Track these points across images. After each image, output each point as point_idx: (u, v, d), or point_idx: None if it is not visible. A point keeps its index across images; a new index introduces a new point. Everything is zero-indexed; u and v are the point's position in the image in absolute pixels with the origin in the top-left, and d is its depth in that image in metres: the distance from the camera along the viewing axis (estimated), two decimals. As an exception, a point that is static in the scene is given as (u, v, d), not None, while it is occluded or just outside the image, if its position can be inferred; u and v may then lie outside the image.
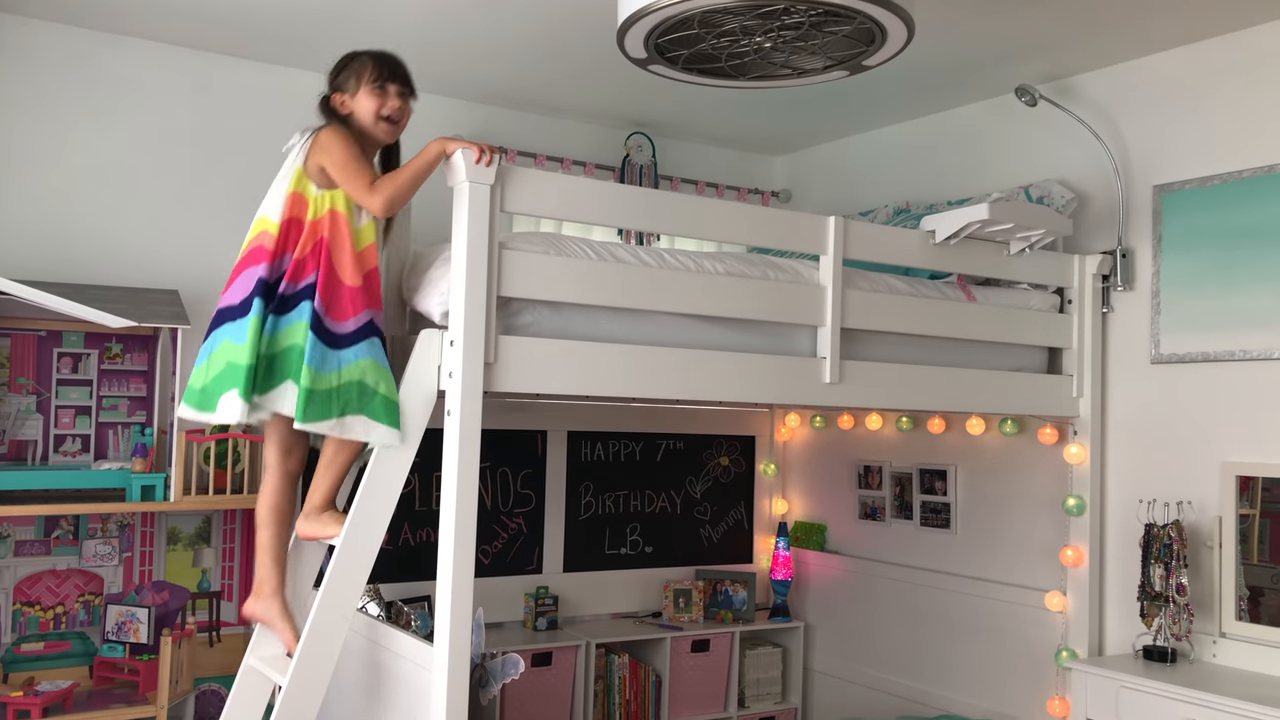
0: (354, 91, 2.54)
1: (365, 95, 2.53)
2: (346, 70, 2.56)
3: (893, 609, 4.32)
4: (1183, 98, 3.49)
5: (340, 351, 2.41)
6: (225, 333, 2.45)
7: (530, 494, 4.37)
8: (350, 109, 2.55)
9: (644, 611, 4.57)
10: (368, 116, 2.54)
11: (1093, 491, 3.59)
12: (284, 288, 2.42)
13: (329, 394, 2.38)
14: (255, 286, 2.41)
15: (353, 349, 2.42)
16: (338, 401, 2.38)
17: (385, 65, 2.55)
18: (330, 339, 2.40)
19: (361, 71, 2.53)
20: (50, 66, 3.55)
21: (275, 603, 2.61)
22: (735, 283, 2.90)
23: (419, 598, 3.93)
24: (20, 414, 3.43)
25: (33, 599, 3.42)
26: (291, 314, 2.42)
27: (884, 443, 4.45)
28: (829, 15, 2.46)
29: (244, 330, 2.39)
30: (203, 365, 2.48)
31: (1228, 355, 3.30)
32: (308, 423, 2.36)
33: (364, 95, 2.53)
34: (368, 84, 2.53)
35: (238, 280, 2.48)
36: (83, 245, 3.57)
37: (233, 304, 2.46)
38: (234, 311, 2.45)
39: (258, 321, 2.38)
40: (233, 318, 2.45)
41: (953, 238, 3.29)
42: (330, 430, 2.40)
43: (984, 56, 3.67)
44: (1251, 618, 3.21)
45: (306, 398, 2.35)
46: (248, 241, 2.52)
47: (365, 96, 2.53)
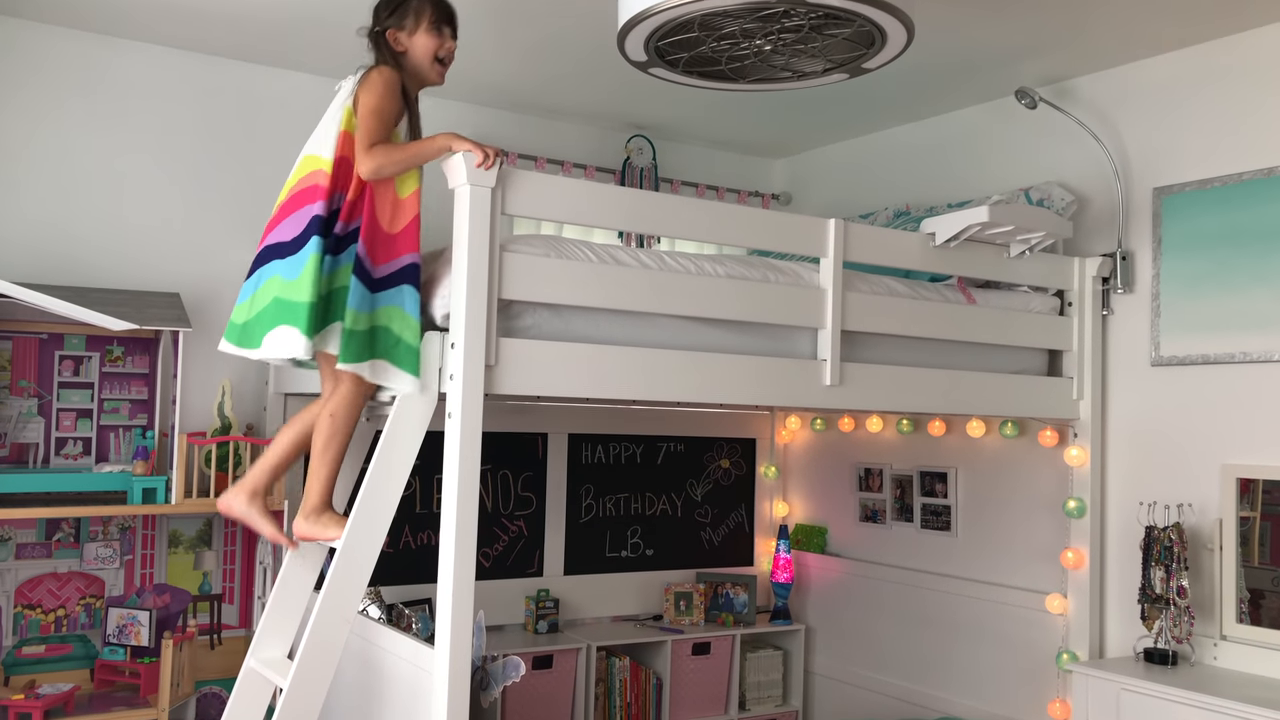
0: (412, 30, 2.57)
1: (424, 35, 2.57)
2: (404, 9, 2.56)
3: (894, 612, 4.32)
4: (1182, 100, 3.50)
5: (375, 295, 2.43)
6: (274, 269, 2.46)
7: (531, 496, 4.37)
8: (406, 47, 2.58)
9: (645, 614, 4.57)
10: (425, 57, 2.59)
11: (1093, 494, 3.59)
12: (339, 228, 2.44)
13: (365, 335, 2.40)
14: (311, 223, 2.41)
15: (384, 293, 2.44)
16: (369, 345, 2.41)
17: (443, 9, 2.61)
18: (369, 281, 2.42)
19: (421, 11, 2.56)
20: (53, 70, 3.56)
21: (257, 502, 2.62)
22: (735, 285, 2.90)
23: (420, 600, 3.93)
24: (21, 417, 3.43)
25: (34, 602, 3.42)
26: (343, 255, 2.44)
27: (884, 445, 4.45)
28: (829, 18, 2.47)
29: (299, 267, 2.39)
30: (246, 302, 2.50)
31: (1228, 357, 3.30)
32: (347, 364, 2.38)
33: (423, 35, 2.57)
34: (427, 24, 2.57)
35: (290, 218, 2.47)
36: (84, 248, 3.57)
37: (284, 240, 2.46)
38: (285, 248, 2.45)
39: (317, 259, 2.38)
40: (282, 255, 2.45)
41: (953, 240, 3.29)
42: (364, 373, 2.42)
43: (984, 59, 3.67)
44: (1252, 620, 3.21)
45: (347, 339, 2.37)
46: (296, 179, 2.52)
47: (424, 36, 2.57)
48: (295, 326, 2.37)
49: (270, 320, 2.43)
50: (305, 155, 2.55)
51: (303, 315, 2.36)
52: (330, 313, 2.42)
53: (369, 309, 2.42)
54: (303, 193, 2.49)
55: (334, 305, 2.42)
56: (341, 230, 2.45)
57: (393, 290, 2.46)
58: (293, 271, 2.42)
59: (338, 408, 2.57)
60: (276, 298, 2.43)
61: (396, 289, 2.46)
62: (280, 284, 2.44)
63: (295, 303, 2.38)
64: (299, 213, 2.47)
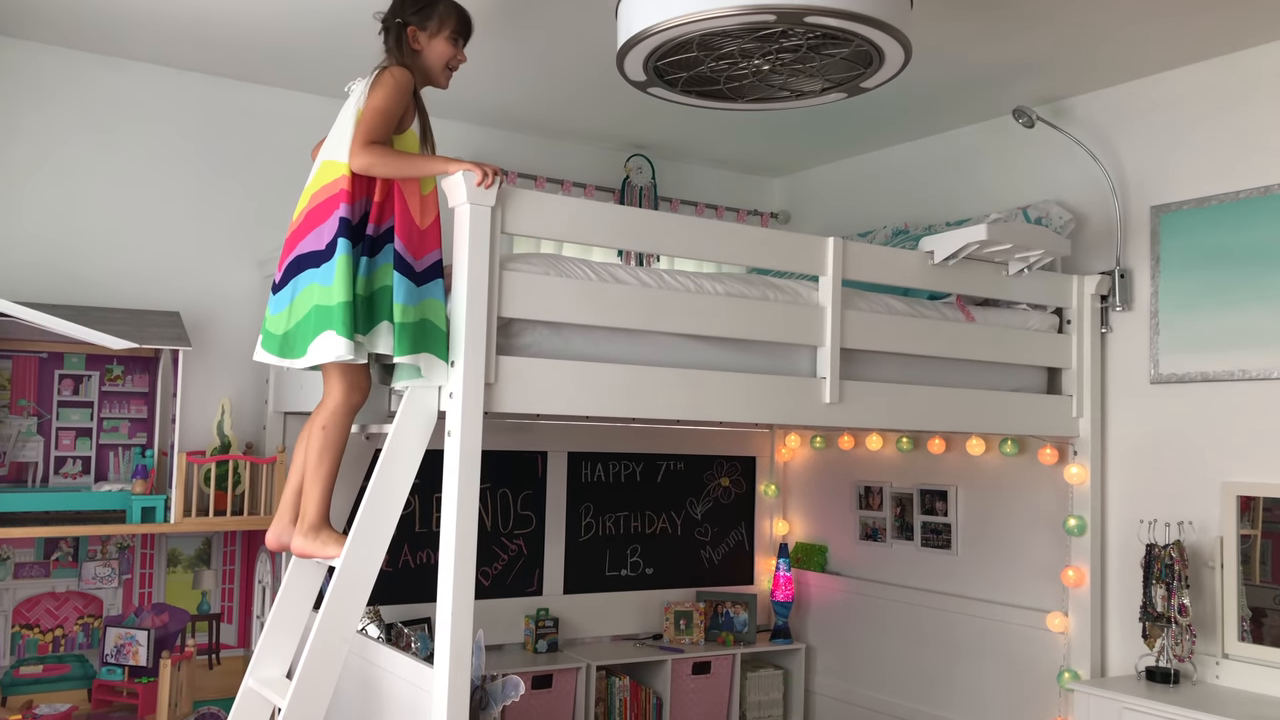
0: (433, 34, 2.62)
1: (443, 42, 2.63)
2: (430, 10, 2.61)
3: (894, 630, 4.30)
4: (1179, 119, 3.51)
5: (420, 289, 2.46)
6: (309, 277, 2.47)
7: (530, 515, 4.36)
8: (422, 47, 2.63)
9: (645, 633, 4.55)
10: (438, 62, 2.65)
11: (1093, 512, 3.59)
12: (371, 229, 2.46)
13: (415, 328, 2.42)
14: (340, 227, 2.42)
15: (425, 287, 2.47)
16: (420, 338, 2.43)
17: (466, 22, 2.67)
18: (413, 276, 2.45)
19: (446, 19, 2.62)
20: (54, 90, 3.57)
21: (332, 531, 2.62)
22: (735, 303, 2.91)
23: (419, 620, 3.91)
24: (21, 436, 3.43)
25: (32, 621, 3.41)
26: (380, 256, 2.45)
27: (884, 463, 4.45)
28: (827, 38, 2.48)
29: (331, 272, 2.41)
30: (284, 312, 2.52)
31: (1227, 375, 3.31)
32: (404, 355, 2.40)
33: (442, 41, 2.63)
34: (449, 33, 2.63)
35: (319, 228, 2.49)
36: (84, 267, 3.58)
37: (317, 249, 2.47)
38: (319, 257, 2.46)
39: (348, 260, 2.40)
40: (316, 263, 2.47)
41: (951, 258, 3.30)
42: (420, 364, 2.44)
43: (981, 78, 3.69)
44: (1254, 639, 3.20)
45: (400, 332, 2.39)
46: (318, 186, 2.53)
47: (443, 43, 2.63)
48: (333, 329, 2.38)
49: (313, 328, 2.44)
50: (324, 161, 2.55)
51: (340, 318, 2.37)
52: (375, 313, 2.44)
53: (415, 302, 2.45)
54: (327, 201, 2.50)
55: (378, 305, 2.44)
56: (374, 232, 2.47)
57: (430, 284, 2.49)
58: (327, 277, 2.43)
59: (328, 420, 2.58)
60: (316, 305, 2.44)
61: (433, 282, 2.49)
62: (319, 291, 2.45)
63: (331, 307, 2.40)
64: (327, 221, 2.48)
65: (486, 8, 3.16)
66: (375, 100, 2.49)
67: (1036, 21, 3.19)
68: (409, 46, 2.62)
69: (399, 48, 2.61)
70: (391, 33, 2.63)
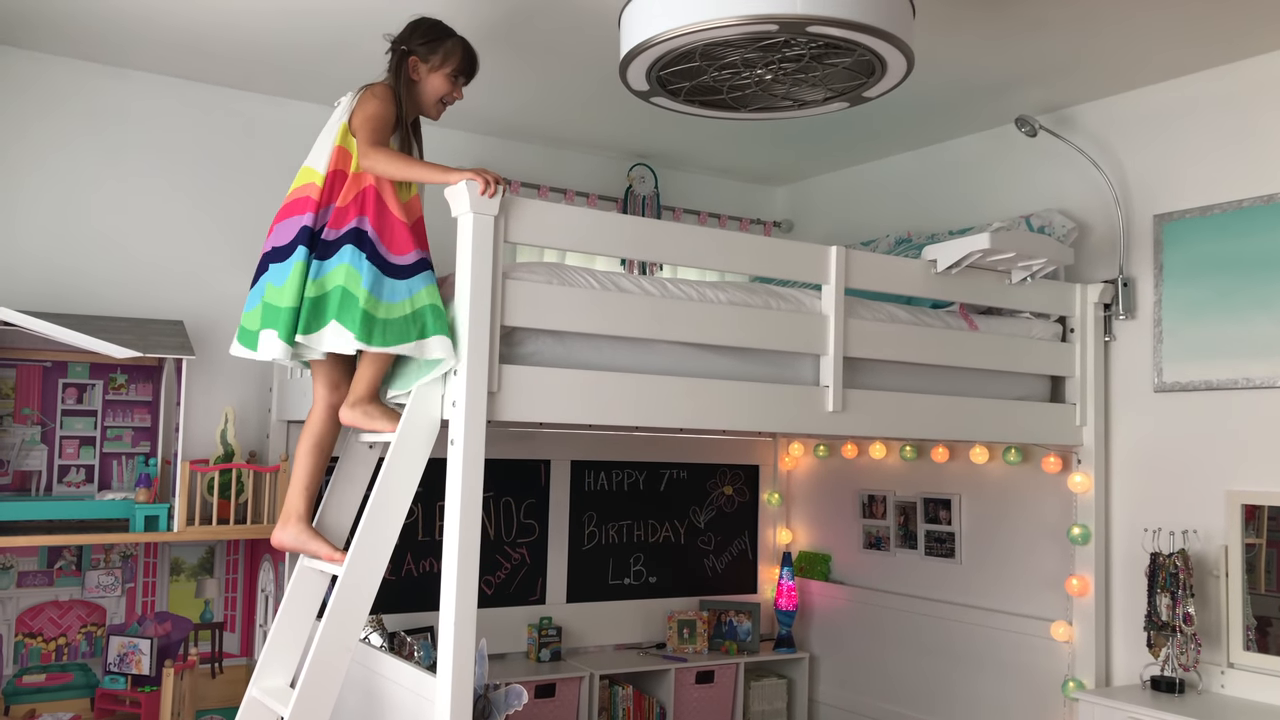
0: (434, 68, 2.68)
1: (441, 78, 2.70)
2: (437, 45, 2.67)
3: (898, 639, 4.29)
4: (1182, 128, 3.52)
5: (406, 281, 2.49)
6: (269, 276, 2.56)
7: (533, 524, 4.36)
8: (420, 78, 2.69)
9: (648, 642, 4.54)
10: (432, 95, 2.72)
11: (1097, 520, 3.58)
12: (326, 234, 2.53)
13: (405, 320, 2.45)
14: (299, 234, 2.52)
15: (417, 278, 2.51)
16: (415, 325, 2.46)
17: (470, 63, 2.73)
18: (389, 269, 2.49)
19: (450, 57, 2.69)
20: (57, 99, 3.59)
21: (302, 527, 2.68)
22: (738, 312, 2.91)
23: (422, 628, 3.91)
24: (25, 444, 3.43)
25: (35, 630, 3.41)
26: (333, 259, 2.50)
27: (888, 472, 4.44)
28: (829, 48, 2.49)
29: (285, 273, 2.50)
30: (254, 308, 2.60)
31: (1231, 383, 3.30)
32: (381, 346, 2.44)
33: (440, 77, 2.69)
34: (450, 71, 2.70)
35: (280, 226, 2.59)
36: (88, 276, 3.59)
37: (278, 246, 2.57)
38: (278, 254, 2.55)
39: (302, 266, 2.48)
40: (277, 259, 2.55)
41: (954, 267, 3.30)
42: (412, 351, 2.46)
43: (983, 87, 3.69)
44: (1259, 648, 3.19)
45: (366, 321, 2.41)
46: (292, 191, 2.63)
47: (440, 79, 2.69)
48: (275, 329, 2.49)
49: (262, 323, 2.55)
50: (303, 168, 2.66)
51: (282, 320, 2.48)
52: (323, 314, 2.48)
53: (406, 295, 2.48)
54: (294, 204, 2.60)
55: (326, 306, 2.48)
56: (330, 235, 2.53)
57: (422, 275, 2.53)
58: (280, 278, 2.53)
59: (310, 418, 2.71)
60: (266, 303, 2.55)
61: (424, 274, 2.53)
62: (271, 290, 2.55)
63: (278, 308, 2.50)
64: (288, 222, 2.58)
65: (490, 19, 3.17)
66: (367, 109, 2.58)
67: (1039, 30, 3.19)
68: (407, 75, 2.68)
69: (396, 73, 2.68)
70: (394, 56, 2.69)
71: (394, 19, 3.20)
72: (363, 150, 2.53)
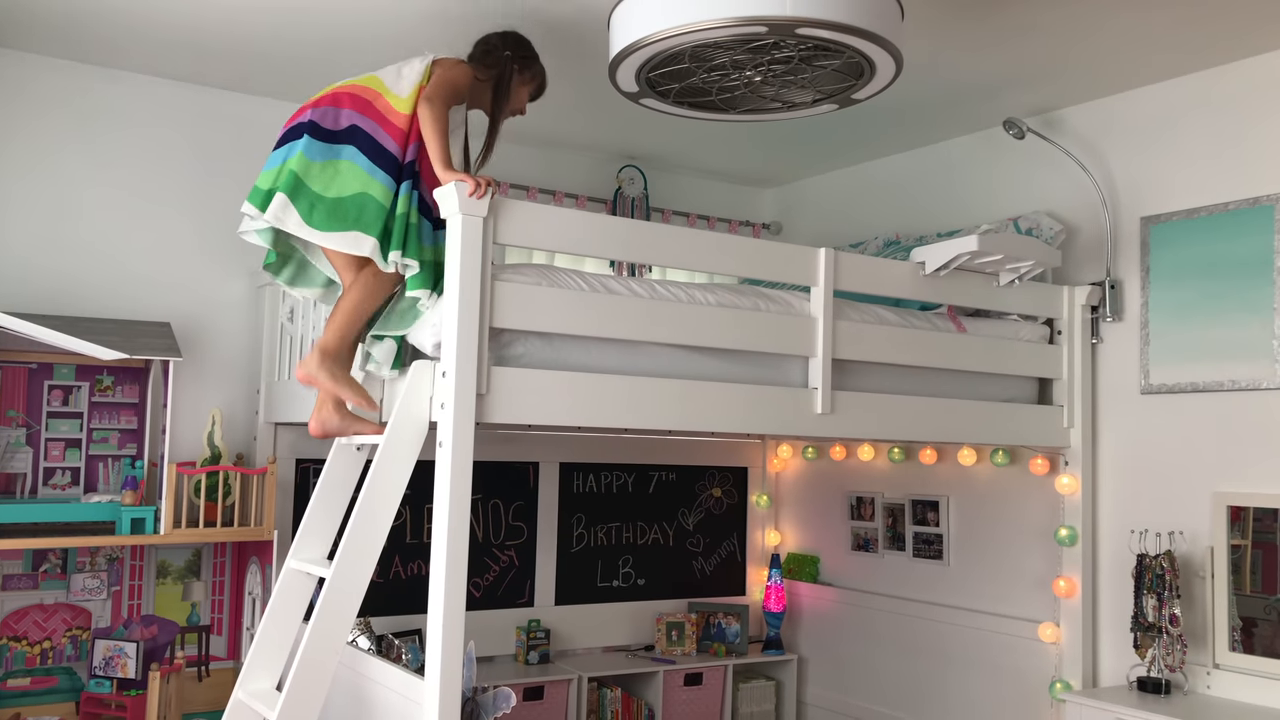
0: (524, 82, 2.93)
1: (524, 93, 2.96)
2: (531, 63, 2.92)
3: (886, 641, 4.30)
4: (1168, 131, 3.53)
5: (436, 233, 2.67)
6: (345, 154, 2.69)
7: (522, 526, 4.35)
8: (511, 86, 2.90)
9: (636, 644, 4.54)
10: (513, 104, 2.94)
11: (1084, 522, 3.59)
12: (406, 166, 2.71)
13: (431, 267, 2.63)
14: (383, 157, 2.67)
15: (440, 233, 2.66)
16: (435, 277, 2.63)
17: (544, 88, 3.03)
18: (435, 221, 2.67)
19: (536, 78, 2.96)
20: (47, 100, 3.57)
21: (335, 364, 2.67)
22: (726, 314, 2.91)
23: (410, 631, 3.90)
24: (10, 447, 3.41)
25: (20, 634, 3.38)
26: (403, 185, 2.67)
27: (876, 474, 4.45)
28: (818, 50, 2.49)
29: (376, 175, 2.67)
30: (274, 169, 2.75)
31: (1217, 385, 3.32)
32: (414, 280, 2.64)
33: (524, 92, 2.95)
34: (532, 89, 2.97)
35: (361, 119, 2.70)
36: (75, 277, 3.57)
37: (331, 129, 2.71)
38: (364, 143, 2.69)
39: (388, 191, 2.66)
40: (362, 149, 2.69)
41: (943, 269, 3.31)
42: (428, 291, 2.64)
43: (972, 90, 3.71)
44: (1245, 649, 3.20)
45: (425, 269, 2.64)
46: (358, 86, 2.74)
47: (523, 94, 2.96)
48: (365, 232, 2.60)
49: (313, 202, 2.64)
50: (372, 76, 2.75)
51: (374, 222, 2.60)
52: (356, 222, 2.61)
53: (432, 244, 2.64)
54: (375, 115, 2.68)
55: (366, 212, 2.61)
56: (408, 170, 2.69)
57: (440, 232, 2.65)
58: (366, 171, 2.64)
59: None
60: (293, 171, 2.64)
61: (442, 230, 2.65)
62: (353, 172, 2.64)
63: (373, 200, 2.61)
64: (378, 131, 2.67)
65: (479, 20, 3.17)
66: (451, 74, 2.75)
67: (1027, 34, 3.20)
68: (504, 80, 2.87)
69: (488, 67, 2.85)
70: (492, 55, 2.86)
71: (386, 21, 3.20)
72: (427, 94, 2.67)
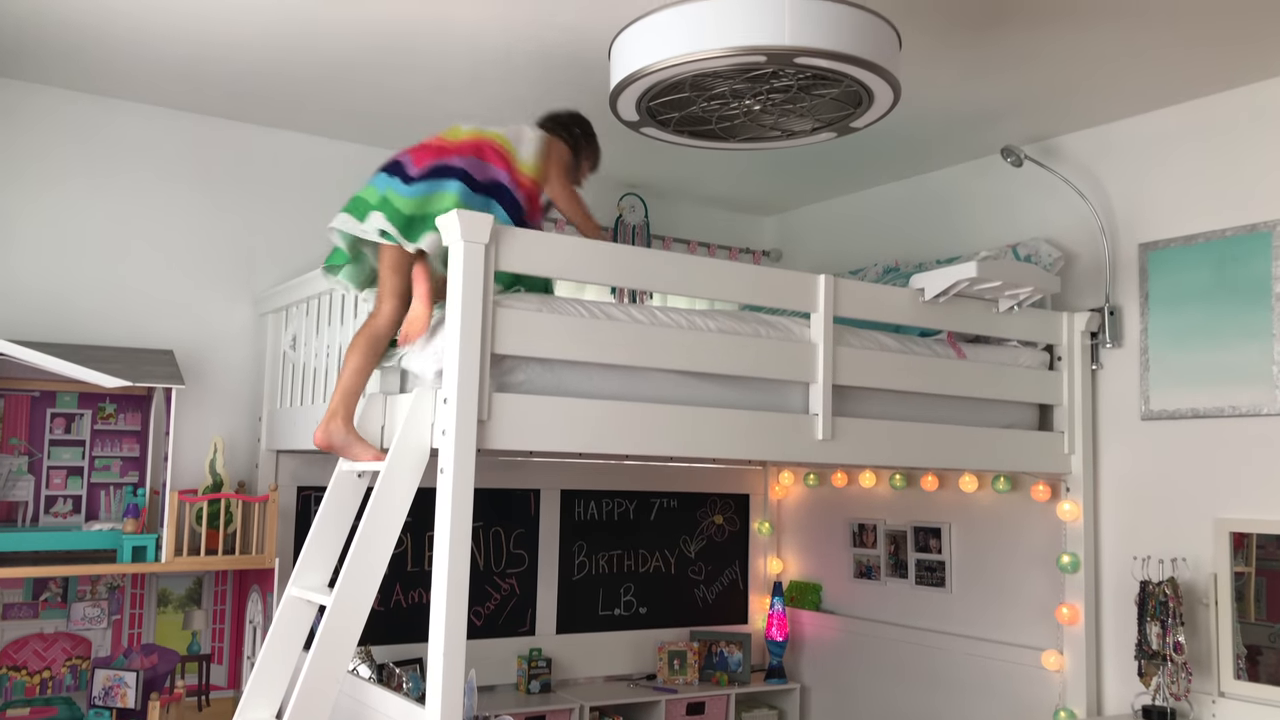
0: (587, 157, 3.18)
1: (587, 167, 3.20)
2: (595, 143, 3.19)
3: (890, 670, 4.27)
4: (1165, 158, 3.55)
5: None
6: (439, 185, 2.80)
7: (523, 554, 4.34)
8: (580, 161, 3.16)
9: (638, 674, 4.52)
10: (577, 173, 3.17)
11: (1087, 548, 3.58)
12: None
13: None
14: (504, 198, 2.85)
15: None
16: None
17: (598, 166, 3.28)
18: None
19: (598, 156, 3.22)
20: (50, 130, 3.60)
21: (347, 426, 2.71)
22: (727, 340, 2.92)
23: (411, 660, 3.88)
24: (12, 475, 3.41)
25: (19, 663, 3.37)
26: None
27: (878, 500, 4.44)
28: (816, 79, 2.51)
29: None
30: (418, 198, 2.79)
31: (1217, 411, 3.32)
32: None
33: (587, 166, 3.20)
34: (591, 165, 3.21)
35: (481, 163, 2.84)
36: (78, 305, 3.58)
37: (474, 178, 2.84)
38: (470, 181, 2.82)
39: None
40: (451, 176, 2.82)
41: (942, 295, 3.32)
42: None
43: (969, 118, 3.73)
44: (1250, 676, 3.18)
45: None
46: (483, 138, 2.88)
47: (587, 167, 3.20)
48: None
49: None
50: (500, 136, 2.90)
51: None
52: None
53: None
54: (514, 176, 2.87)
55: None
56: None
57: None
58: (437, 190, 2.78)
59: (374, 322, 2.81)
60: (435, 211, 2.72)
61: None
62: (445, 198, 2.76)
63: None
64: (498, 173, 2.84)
65: (481, 49, 3.20)
66: (562, 161, 3.04)
67: (1024, 62, 3.23)
68: (581, 155, 3.14)
69: (572, 141, 3.10)
70: (567, 131, 3.11)
71: (384, 50, 3.23)
72: (558, 178, 3.01)
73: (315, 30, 3.10)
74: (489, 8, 2.94)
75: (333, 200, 4.01)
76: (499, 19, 3.01)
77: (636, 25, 2.50)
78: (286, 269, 3.91)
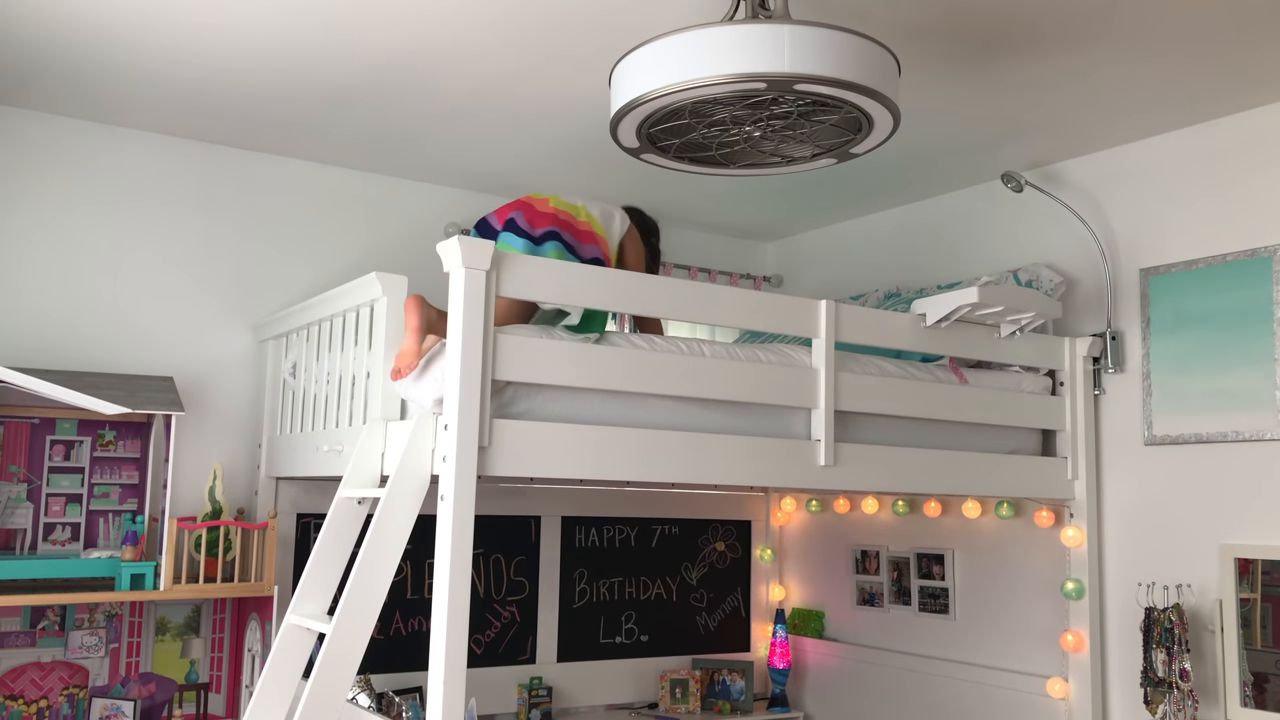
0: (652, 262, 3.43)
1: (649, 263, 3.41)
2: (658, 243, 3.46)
3: (893, 698, 4.24)
4: (1166, 183, 3.56)
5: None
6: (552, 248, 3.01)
7: (523, 581, 4.32)
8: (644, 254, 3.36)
9: (640, 702, 4.48)
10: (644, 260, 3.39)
11: (1091, 575, 3.56)
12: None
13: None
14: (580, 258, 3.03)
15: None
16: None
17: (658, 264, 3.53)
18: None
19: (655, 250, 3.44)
20: (51, 158, 3.61)
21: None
22: (728, 366, 2.91)
23: (410, 688, 3.85)
24: (10, 502, 3.40)
25: (16, 693, 3.34)
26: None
27: (880, 526, 4.42)
28: (816, 105, 2.52)
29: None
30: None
31: (1220, 436, 3.31)
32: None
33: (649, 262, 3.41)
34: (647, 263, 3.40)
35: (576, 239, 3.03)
36: (78, 332, 3.58)
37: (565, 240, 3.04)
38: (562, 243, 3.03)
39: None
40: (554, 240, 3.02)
41: (944, 321, 3.31)
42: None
43: (970, 144, 3.74)
44: (1257, 704, 3.16)
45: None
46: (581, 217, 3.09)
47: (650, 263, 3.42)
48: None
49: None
50: (594, 219, 3.11)
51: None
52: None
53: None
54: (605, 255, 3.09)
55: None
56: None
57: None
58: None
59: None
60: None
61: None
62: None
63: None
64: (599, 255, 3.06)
65: (483, 75, 3.21)
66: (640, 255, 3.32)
67: (1024, 88, 3.24)
68: (645, 262, 3.34)
69: (649, 250, 3.37)
70: (646, 238, 3.37)
71: (390, 79, 3.24)
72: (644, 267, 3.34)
73: (317, 58, 3.12)
74: (492, 35, 2.96)
75: (333, 227, 4.03)
76: (502, 47, 3.03)
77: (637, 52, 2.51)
78: (286, 295, 3.92)
